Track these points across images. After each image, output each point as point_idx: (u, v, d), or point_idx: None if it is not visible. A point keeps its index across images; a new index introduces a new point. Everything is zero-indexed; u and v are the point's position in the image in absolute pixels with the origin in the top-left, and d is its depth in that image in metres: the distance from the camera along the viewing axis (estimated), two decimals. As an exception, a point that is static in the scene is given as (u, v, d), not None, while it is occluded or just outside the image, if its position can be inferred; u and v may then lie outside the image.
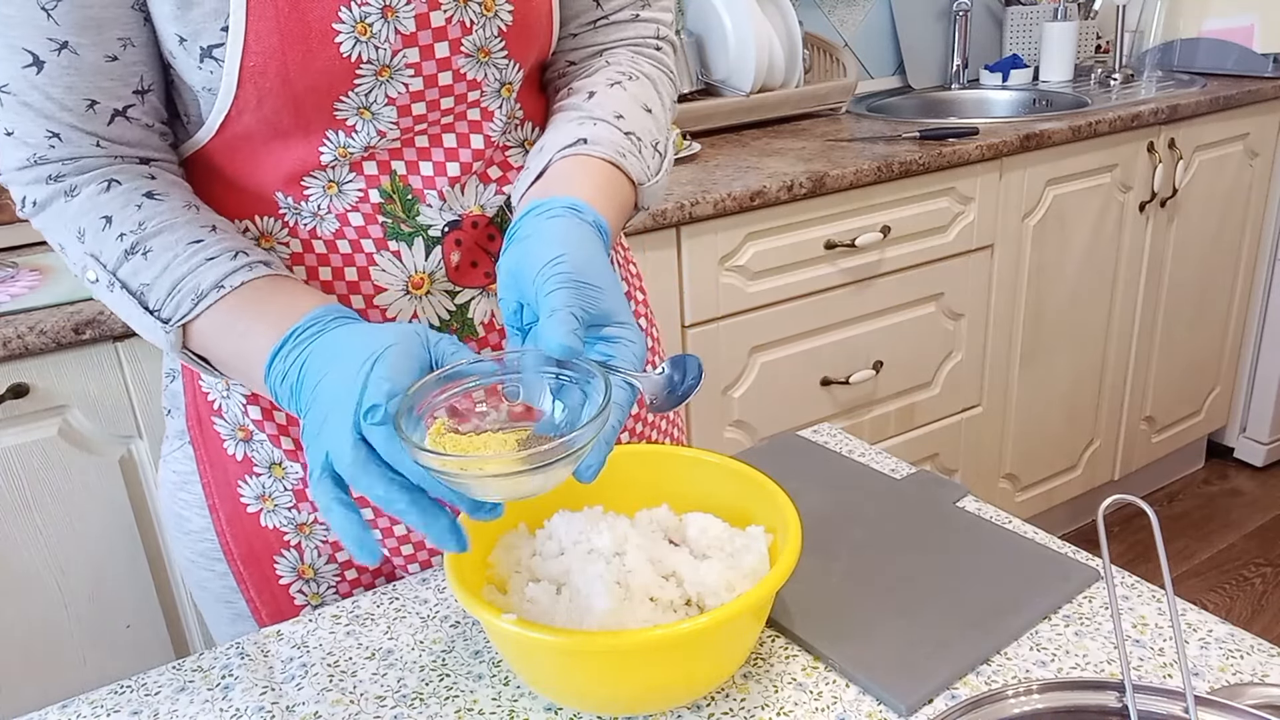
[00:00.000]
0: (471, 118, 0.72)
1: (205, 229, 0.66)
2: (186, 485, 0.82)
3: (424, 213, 0.72)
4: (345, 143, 0.69)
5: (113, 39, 0.63)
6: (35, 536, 1.23)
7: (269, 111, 0.66)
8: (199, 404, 0.79)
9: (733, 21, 1.95)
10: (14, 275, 1.31)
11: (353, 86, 0.66)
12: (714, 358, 1.66)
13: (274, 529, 0.80)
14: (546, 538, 0.70)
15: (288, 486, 0.80)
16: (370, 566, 0.57)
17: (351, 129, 0.68)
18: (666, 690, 0.61)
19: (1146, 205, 2.13)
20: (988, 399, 2.07)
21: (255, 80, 0.64)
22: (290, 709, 0.66)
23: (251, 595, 0.83)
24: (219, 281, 0.63)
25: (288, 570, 0.82)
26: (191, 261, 0.64)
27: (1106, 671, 0.64)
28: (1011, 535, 0.77)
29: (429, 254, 0.73)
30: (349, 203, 0.71)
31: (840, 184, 1.66)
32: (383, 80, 0.67)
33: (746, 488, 0.70)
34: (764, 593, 0.59)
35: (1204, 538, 2.39)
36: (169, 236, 0.65)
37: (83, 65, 0.63)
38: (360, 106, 0.67)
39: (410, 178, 0.71)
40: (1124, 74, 2.37)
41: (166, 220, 0.65)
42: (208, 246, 0.65)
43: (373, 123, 0.68)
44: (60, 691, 1.28)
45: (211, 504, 0.81)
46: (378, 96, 0.67)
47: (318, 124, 0.68)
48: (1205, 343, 2.43)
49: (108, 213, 0.65)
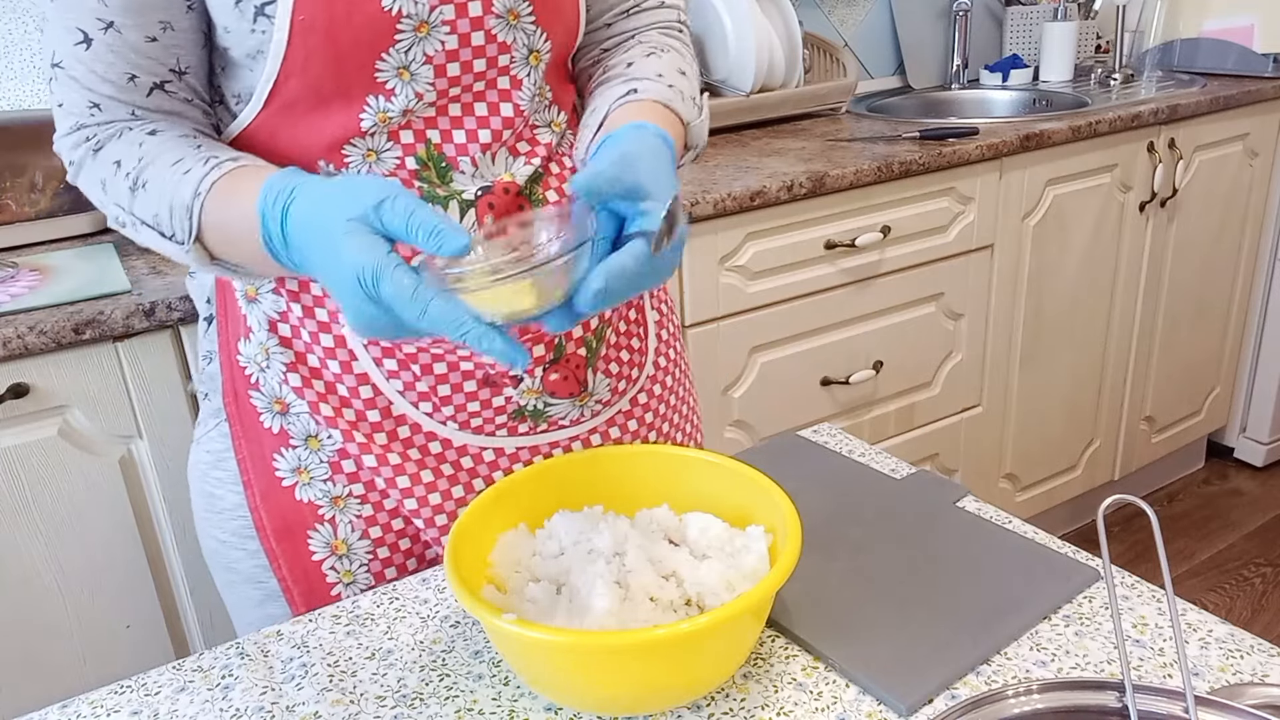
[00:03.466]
0: (501, 86, 0.76)
1: (190, 147, 0.72)
2: (220, 463, 0.84)
3: (457, 179, 0.76)
4: (384, 107, 0.73)
5: (154, 21, 0.70)
6: (35, 536, 1.23)
7: (313, 76, 0.70)
8: (236, 379, 0.82)
9: (733, 21, 1.95)
10: (14, 275, 1.31)
11: (393, 43, 0.70)
12: (714, 358, 1.66)
13: (309, 503, 0.82)
14: (546, 538, 0.70)
15: (324, 459, 0.82)
16: (518, 367, 0.57)
17: (390, 92, 0.72)
18: (666, 690, 0.61)
19: (1146, 205, 2.13)
20: (988, 399, 2.07)
21: (304, 36, 0.68)
22: (290, 709, 0.66)
23: (284, 573, 0.83)
24: (195, 190, 0.68)
25: (321, 546, 0.83)
26: (175, 180, 0.69)
27: (1106, 671, 0.64)
28: (1011, 535, 0.77)
29: (463, 216, 0.76)
30: (387, 169, 0.75)
31: (840, 184, 1.66)
32: (421, 37, 0.71)
33: (746, 488, 0.70)
34: (764, 593, 0.59)
35: (1204, 538, 2.39)
36: (159, 164, 0.70)
37: (124, 43, 0.70)
38: (399, 66, 0.71)
39: (444, 146, 0.75)
40: (1124, 74, 2.37)
41: (158, 150, 0.71)
42: (185, 161, 0.70)
43: (410, 84, 0.72)
44: (60, 691, 1.28)
45: (246, 479, 0.83)
46: (416, 55, 0.71)
47: (359, 88, 0.72)
48: (1205, 343, 2.43)
49: (118, 157, 0.71)
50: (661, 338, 0.94)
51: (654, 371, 0.92)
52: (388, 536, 0.84)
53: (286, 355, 0.80)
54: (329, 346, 0.80)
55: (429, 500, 0.82)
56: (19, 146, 1.45)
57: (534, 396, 0.82)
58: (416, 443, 0.81)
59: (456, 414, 0.81)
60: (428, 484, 0.82)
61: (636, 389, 0.90)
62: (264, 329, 0.81)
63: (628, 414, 0.89)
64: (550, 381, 0.82)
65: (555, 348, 0.82)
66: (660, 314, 0.95)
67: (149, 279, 1.28)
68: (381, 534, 0.84)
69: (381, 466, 0.81)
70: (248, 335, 0.82)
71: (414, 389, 0.80)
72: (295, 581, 0.84)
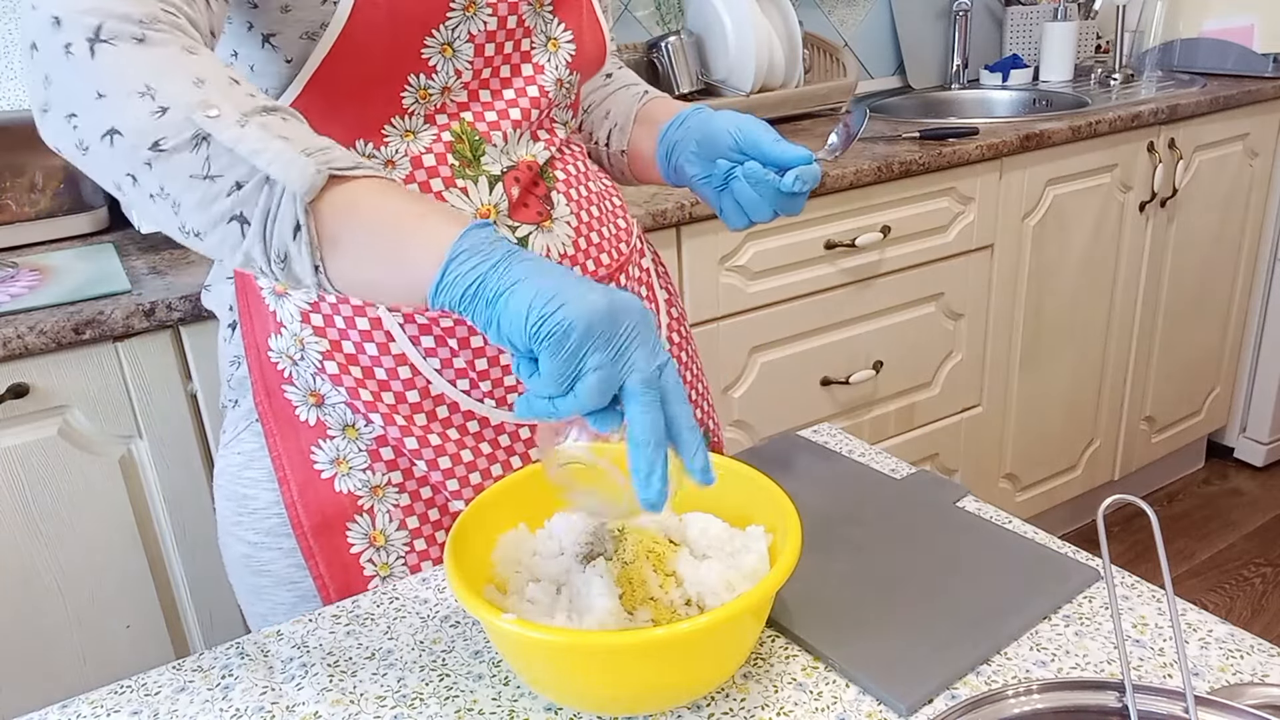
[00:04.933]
0: (526, 72, 0.81)
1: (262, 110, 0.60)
2: (252, 463, 0.84)
3: (488, 153, 0.80)
4: (425, 84, 0.75)
5: None
6: (35, 536, 1.23)
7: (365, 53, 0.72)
8: (268, 377, 0.82)
9: (733, 21, 1.95)
10: (14, 275, 1.31)
11: (444, 19, 0.73)
12: (714, 358, 1.66)
13: (348, 493, 0.82)
14: (546, 538, 0.70)
15: (362, 448, 0.82)
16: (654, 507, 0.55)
17: (433, 69, 0.75)
18: (666, 690, 0.61)
19: (1146, 205, 2.13)
20: (988, 399, 2.07)
21: (368, 11, 0.70)
22: (290, 709, 0.66)
23: (320, 570, 0.83)
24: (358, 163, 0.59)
25: (359, 538, 0.83)
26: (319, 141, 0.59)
27: (1106, 671, 0.64)
28: (1011, 535, 0.77)
29: (492, 189, 0.79)
30: (423, 145, 0.77)
31: (840, 184, 1.66)
32: (469, 15, 0.74)
33: (746, 488, 0.70)
34: (764, 593, 0.59)
35: (1204, 538, 2.39)
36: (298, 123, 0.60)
37: None
38: (444, 43, 0.74)
39: (477, 124, 0.79)
40: (1124, 74, 2.37)
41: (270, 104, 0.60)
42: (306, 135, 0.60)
43: (452, 61, 0.75)
44: (60, 691, 1.28)
45: (282, 475, 0.82)
46: (461, 32, 0.75)
47: (404, 64, 0.74)
48: (1205, 343, 2.43)
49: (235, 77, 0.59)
50: (672, 314, 0.98)
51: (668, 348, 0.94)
52: (424, 527, 0.84)
53: (322, 343, 0.80)
54: (365, 329, 0.80)
55: (470, 480, 0.83)
56: (19, 146, 1.45)
57: None
58: (455, 422, 0.82)
59: (494, 389, 0.82)
60: (468, 463, 0.82)
61: None
62: (296, 320, 0.81)
63: None
64: None
65: None
66: (669, 293, 0.99)
67: (149, 279, 1.28)
68: (419, 524, 0.84)
69: (423, 449, 0.81)
70: (279, 330, 0.81)
71: (451, 366, 0.81)
72: (332, 577, 0.83)
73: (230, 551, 0.88)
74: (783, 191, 0.79)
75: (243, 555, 0.86)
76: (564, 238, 0.82)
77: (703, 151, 0.84)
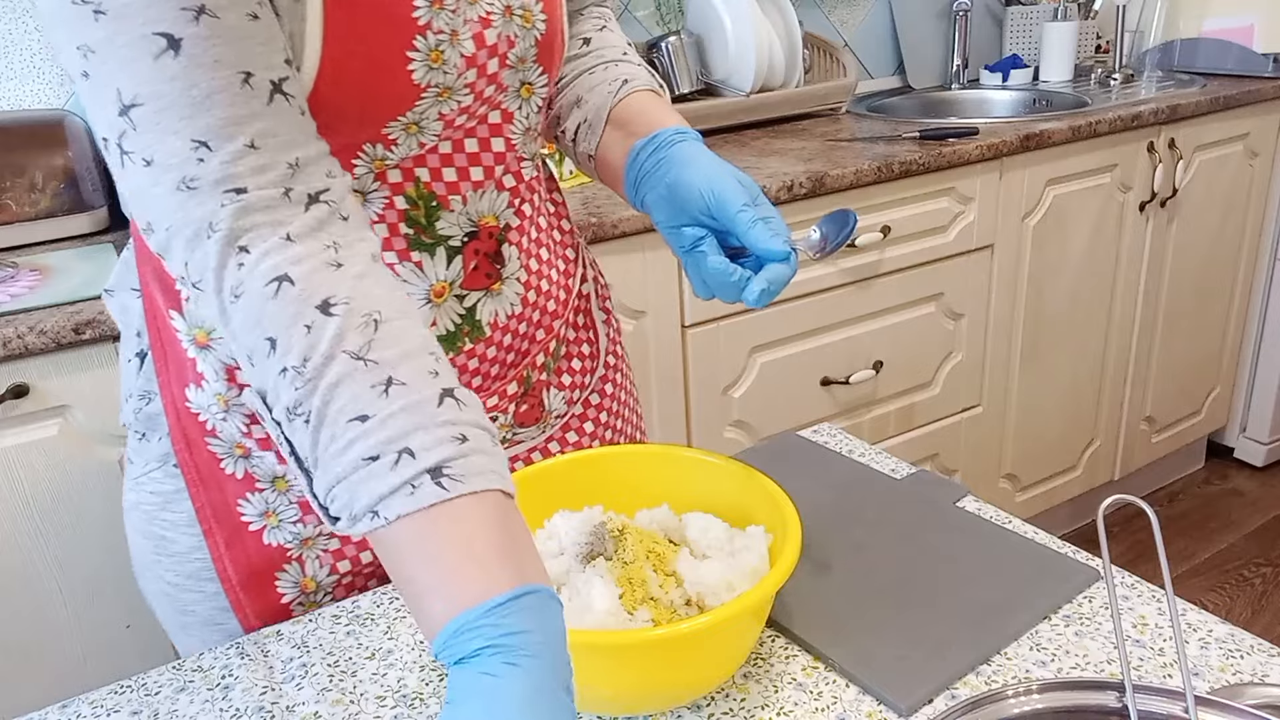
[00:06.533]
0: (492, 120, 0.72)
1: (378, 391, 0.50)
2: (170, 505, 0.78)
3: (444, 219, 0.72)
4: (383, 155, 0.67)
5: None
6: (35, 536, 1.23)
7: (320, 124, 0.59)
8: (187, 427, 0.75)
9: (733, 21, 1.95)
10: (14, 275, 1.31)
11: (412, 107, 0.65)
12: (714, 358, 1.66)
13: (277, 545, 0.78)
14: (546, 538, 0.70)
15: (292, 500, 0.77)
16: None
17: (393, 142, 0.67)
18: (666, 690, 0.61)
19: (1146, 205, 2.13)
20: (988, 399, 2.07)
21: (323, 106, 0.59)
22: (290, 709, 0.66)
23: (247, 614, 0.79)
24: (372, 507, 0.49)
25: (290, 586, 0.79)
26: (347, 458, 0.49)
27: (1106, 671, 0.64)
28: (1011, 535, 0.77)
29: (450, 263, 0.73)
30: (374, 212, 0.70)
31: (840, 184, 1.66)
32: (442, 100, 0.66)
33: (746, 488, 0.70)
34: (764, 593, 0.59)
35: (1204, 538, 2.39)
36: (337, 402, 0.50)
37: (226, 29, 0.51)
38: (410, 123, 0.66)
39: (434, 184, 0.71)
40: (1124, 74, 2.37)
41: (338, 370, 0.50)
42: (369, 435, 0.49)
43: (417, 136, 0.68)
44: (60, 691, 1.28)
45: (207, 528, 0.77)
46: (431, 114, 0.67)
47: (360, 138, 0.66)
48: (1205, 343, 2.43)
49: (273, 333, 0.51)
50: (609, 336, 0.92)
51: (604, 371, 0.90)
52: (356, 568, 0.80)
53: (248, 406, 0.73)
54: None
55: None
56: (19, 146, 1.45)
57: (505, 431, 0.81)
58: None
59: None
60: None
61: (589, 391, 0.89)
62: (220, 379, 0.72)
63: (581, 417, 0.88)
64: (520, 414, 0.81)
65: (524, 381, 0.80)
66: (606, 313, 0.92)
67: (149, 279, 1.28)
68: (351, 567, 0.80)
69: None
70: (199, 383, 0.73)
71: None
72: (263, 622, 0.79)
73: (149, 586, 0.83)
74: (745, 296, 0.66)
75: (163, 593, 0.82)
76: (512, 297, 0.77)
77: (673, 200, 0.71)
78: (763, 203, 0.69)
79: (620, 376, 0.93)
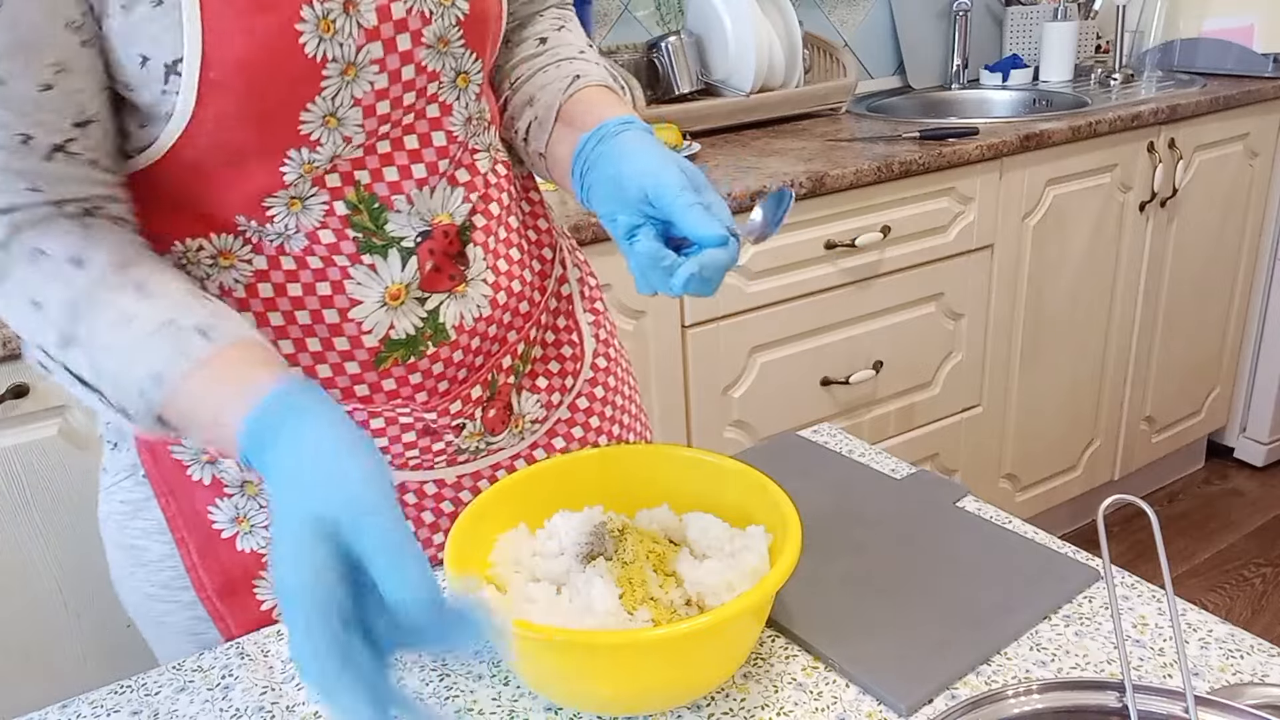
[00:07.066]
0: (431, 114, 0.70)
1: (134, 298, 0.60)
2: (140, 513, 0.77)
3: (393, 220, 0.70)
4: (310, 158, 0.66)
5: (45, 65, 0.57)
6: (35, 536, 1.23)
7: (228, 132, 0.62)
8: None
9: (733, 21, 1.95)
10: (14, 275, 1.31)
11: (319, 91, 0.63)
12: (714, 358, 1.66)
13: (251, 552, 0.76)
14: (546, 538, 0.70)
15: (263, 504, 0.76)
16: None
17: (316, 143, 0.65)
18: (666, 690, 0.61)
19: (1146, 205, 2.13)
20: (988, 399, 2.07)
21: (214, 95, 0.60)
22: (290, 709, 0.66)
23: (229, 624, 0.78)
24: (158, 374, 0.58)
25: (269, 594, 0.77)
26: (122, 354, 0.59)
27: (1106, 671, 0.64)
28: (1011, 535, 0.77)
29: (405, 265, 0.71)
30: (316, 219, 0.68)
31: (840, 184, 1.66)
32: (348, 80, 0.64)
33: (746, 488, 0.70)
34: (764, 593, 0.59)
35: (1204, 538, 2.39)
36: (96, 321, 0.59)
37: (13, 98, 0.57)
38: (326, 114, 0.64)
39: (375, 185, 0.69)
40: (1124, 74, 2.37)
41: (91, 297, 0.60)
42: (136, 327, 0.59)
43: (338, 130, 0.66)
44: (60, 691, 1.28)
45: (179, 537, 0.76)
46: (344, 99, 0.64)
47: (279, 142, 0.64)
48: (1205, 343, 2.43)
49: (38, 296, 0.60)
50: (599, 338, 0.90)
51: (592, 375, 0.88)
52: None
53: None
54: None
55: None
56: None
57: (476, 439, 0.79)
58: None
59: (394, 460, 0.76)
60: None
61: (574, 395, 0.86)
62: None
63: (570, 421, 0.86)
64: (489, 419, 0.79)
65: (490, 384, 0.78)
66: (595, 314, 0.90)
67: (149, 279, 1.28)
68: None
69: None
70: None
71: None
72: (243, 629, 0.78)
73: (127, 598, 0.82)
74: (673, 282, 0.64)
75: (139, 604, 0.81)
76: (479, 299, 0.75)
77: (614, 191, 0.69)
78: (706, 190, 0.66)
79: (614, 380, 0.91)
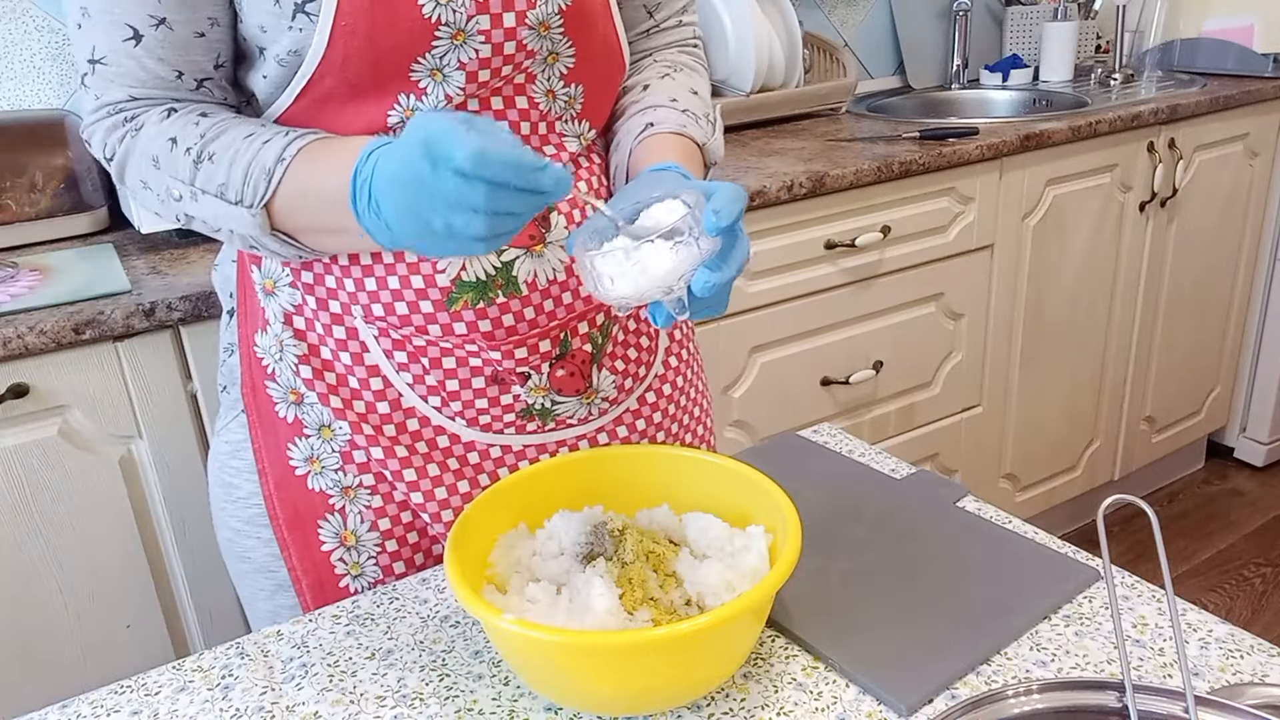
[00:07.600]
0: (516, 81, 0.77)
1: (255, 124, 0.73)
2: (238, 453, 0.86)
3: None
4: (414, 105, 0.74)
5: (204, 17, 0.73)
6: (35, 536, 1.23)
7: (351, 72, 0.72)
8: (254, 370, 0.84)
9: (733, 21, 1.95)
10: (14, 275, 1.31)
11: (430, 48, 0.72)
12: (714, 358, 1.66)
13: (320, 491, 0.83)
14: (546, 538, 0.70)
15: (335, 448, 0.83)
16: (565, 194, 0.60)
17: (423, 91, 0.73)
18: (666, 690, 0.61)
19: (1146, 205, 2.13)
20: (988, 399, 2.07)
21: (345, 38, 0.70)
22: (290, 709, 0.66)
23: (294, 563, 0.85)
24: (279, 155, 0.70)
25: (330, 536, 0.84)
26: (251, 149, 0.70)
27: (1106, 671, 0.64)
28: (1011, 535, 0.77)
29: None
30: None
31: (840, 184, 1.66)
32: (457, 44, 0.72)
33: (746, 488, 0.70)
34: (764, 593, 0.59)
35: (1204, 538, 2.39)
36: (227, 138, 0.72)
37: (175, 39, 0.72)
38: (433, 68, 0.73)
39: None
40: (1124, 74, 2.37)
41: (221, 126, 0.73)
42: (261, 134, 0.71)
43: (443, 85, 0.74)
44: (60, 691, 1.28)
45: (261, 467, 0.84)
46: (450, 60, 0.73)
47: (393, 85, 0.73)
48: (1205, 343, 2.43)
49: (172, 135, 0.72)
50: (675, 338, 0.94)
51: (664, 371, 0.92)
52: (396, 529, 0.85)
53: (300, 347, 0.81)
54: (341, 339, 0.80)
55: (435, 495, 0.82)
56: (19, 146, 1.45)
57: (541, 395, 0.82)
58: (425, 436, 0.82)
59: (464, 410, 0.82)
60: (434, 478, 0.82)
61: (644, 388, 0.90)
62: (279, 321, 0.82)
63: (635, 413, 0.89)
64: (557, 378, 0.82)
65: (560, 342, 0.82)
66: None
67: (149, 279, 1.28)
68: (390, 526, 0.84)
69: (389, 459, 0.81)
70: (264, 328, 0.83)
71: (423, 382, 0.80)
72: (305, 572, 0.85)
73: (220, 533, 0.91)
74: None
75: (228, 539, 0.89)
76: (554, 262, 0.79)
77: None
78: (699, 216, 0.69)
79: (683, 381, 0.94)
